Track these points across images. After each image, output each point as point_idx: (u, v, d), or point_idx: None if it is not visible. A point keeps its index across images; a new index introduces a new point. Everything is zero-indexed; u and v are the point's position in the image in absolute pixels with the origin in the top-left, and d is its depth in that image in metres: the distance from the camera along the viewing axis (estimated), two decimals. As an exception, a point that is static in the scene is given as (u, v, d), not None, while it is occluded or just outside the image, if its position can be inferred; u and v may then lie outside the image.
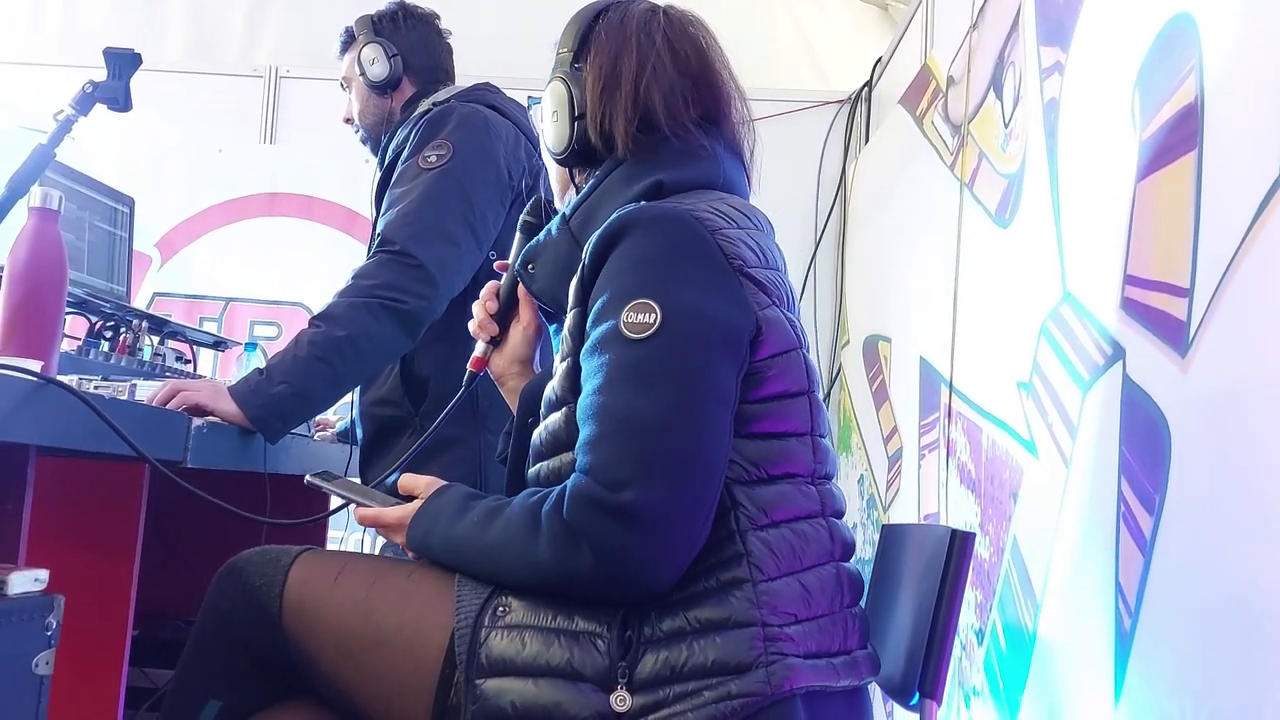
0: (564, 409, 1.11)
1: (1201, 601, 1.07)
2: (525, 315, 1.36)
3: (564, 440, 1.10)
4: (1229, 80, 1.12)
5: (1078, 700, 1.36)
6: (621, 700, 0.99)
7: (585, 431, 1.04)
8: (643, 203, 1.14)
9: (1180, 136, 1.20)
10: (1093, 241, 1.45)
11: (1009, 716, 1.62)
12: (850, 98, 3.61)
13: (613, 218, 1.10)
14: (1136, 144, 1.33)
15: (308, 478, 1.30)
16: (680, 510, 1.00)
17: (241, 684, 1.13)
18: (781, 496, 1.07)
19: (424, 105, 1.94)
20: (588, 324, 1.08)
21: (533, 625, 1.04)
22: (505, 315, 1.37)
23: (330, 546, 2.66)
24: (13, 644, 1.03)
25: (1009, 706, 1.62)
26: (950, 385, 2.08)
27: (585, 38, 1.25)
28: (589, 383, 1.06)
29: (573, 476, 1.04)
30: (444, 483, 1.19)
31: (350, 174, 3.65)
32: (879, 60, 3.51)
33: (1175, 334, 1.16)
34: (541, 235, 1.25)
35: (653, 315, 1.03)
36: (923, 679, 1.08)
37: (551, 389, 1.14)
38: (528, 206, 1.36)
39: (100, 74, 1.59)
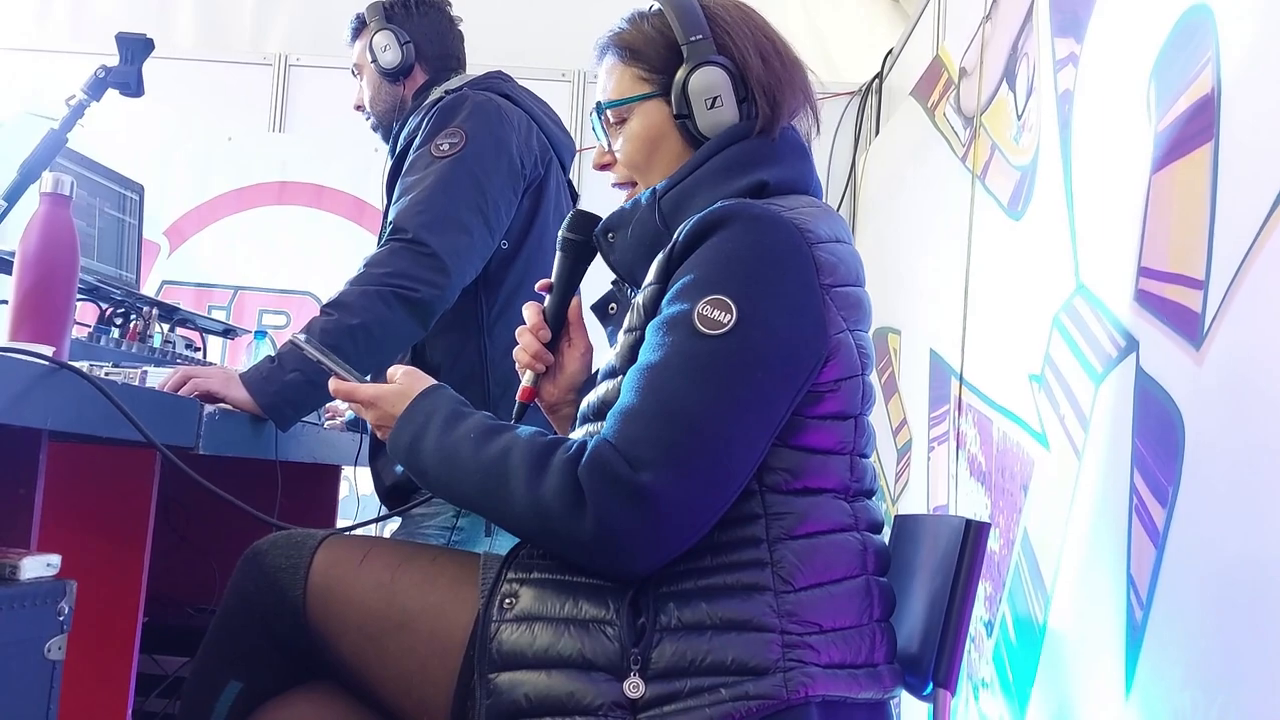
0: (619, 378, 1.10)
1: (1215, 594, 1.07)
2: (581, 340, 1.32)
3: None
4: (1247, 72, 1.11)
5: (1088, 693, 1.36)
6: (635, 687, 0.99)
7: (625, 400, 1.04)
8: (745, 199, 1.12)
9: (1197, 128, 1.19)
10: (1106, 233, 1.44)
11: (1018, 708, 1.61)
12: (861, 89, 3.60)
13: (718, 206, 1.08)
14: (1152, 135, 1.32)
15: (293, 336, 1.31)
16: (688, 508, 1.00)
17: (263, 666, 1.13)
18: (816, 508, 1.07)
19: (436, 93, 1.94)
20: (664, 300, 1.07)
21: (541, 616, 1.04)
22: (556, 341, 1.32)
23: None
24: (25, 629, 1.03)
25: (1018, 699, 1.62)
26: (961, 378, 2.08)
27: (711, 24, 1.21)
28: (646, 355, 1.05)
29: (597, 439, 1.03)
30: (425, 376, 1.18)
31: (360, 163, 3.65)
32: (890, 52, 3.50)
33: (1190, 326, 1.16)
34: (628, 205, 1.21)
35: (728, 316, 1.02)
36: (936, 669, 1.08)
37: (614, 356, 1.13)
38: (567, 222, 1.30)
39: (110, 60, 1.58)
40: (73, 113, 1.47)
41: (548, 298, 1.32)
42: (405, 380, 1.17)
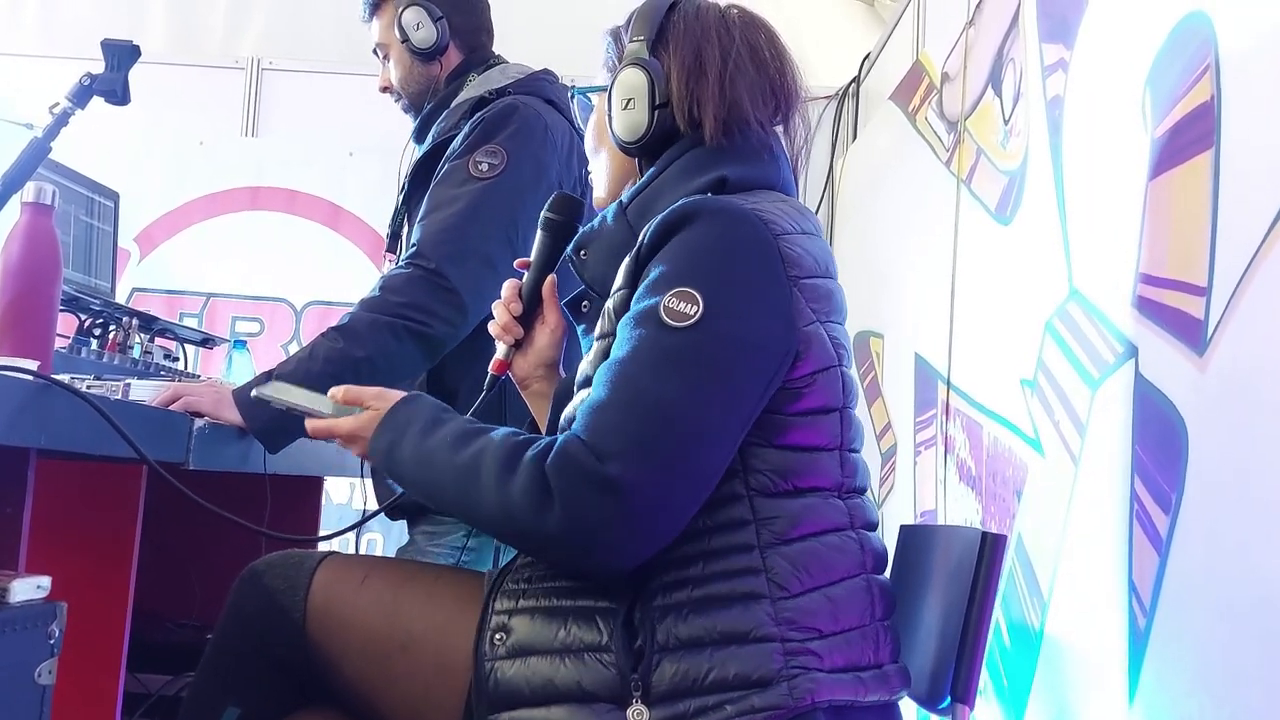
0: None
1: (1222, 600, 1.07)
2: (551, 317, 1.32)
3: None
4: (1248, 80, 1.11)
5: (1090, 699, 1.36)
6: (639, 714, 0.97)
7: (595, 394, 1.02)
8: (706, 195, 1.12)
9: (1196, 135, 1.20)
10: (1102, 240, 1.45)
11: (1015, 714, 1.61)
12: (838, 94, 3.61)
13: (678, 204, 1.08)
14: (1148, 142, 1.32)
15: (254, 391, 1.22)
16: (659, 500, 0.98)
17: (262, 689, 1.10)
18: (808, 509, 1.05)
19: (475, 86, 1.84)
20: (633, 298, 1.06)
21: (534, 648, 1.02)
22: (529, 317, 1.33)
23: (321, 547, 2.64)
24: (15, 653, 1.00)
25: (1014, 704, 1.62)
26: (948, 382, 2.08)
27: (661, 28, 1.21)
28: (616, 350, 1.04)
29: (565, 434, 1.02)
30: (396, 392, 1.16)
31: (334, 167, 3.61)
32: (867, 56, 3.51)
33: (1192, 332, 1.16)
34: (595, 222, 1.22)
35: (694, 308, 1.01)
36: (954, 683, 1.07)
37: (588, 363, 1.12)
38: (550, 203, 1.31)
39: (77, 64, 1.55)
40: (57, 121, 1.44)
41: (525, 274, 1.33)
42: (379, 404, 1.15)
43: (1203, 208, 1.16)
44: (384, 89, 1.94)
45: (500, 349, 1.33)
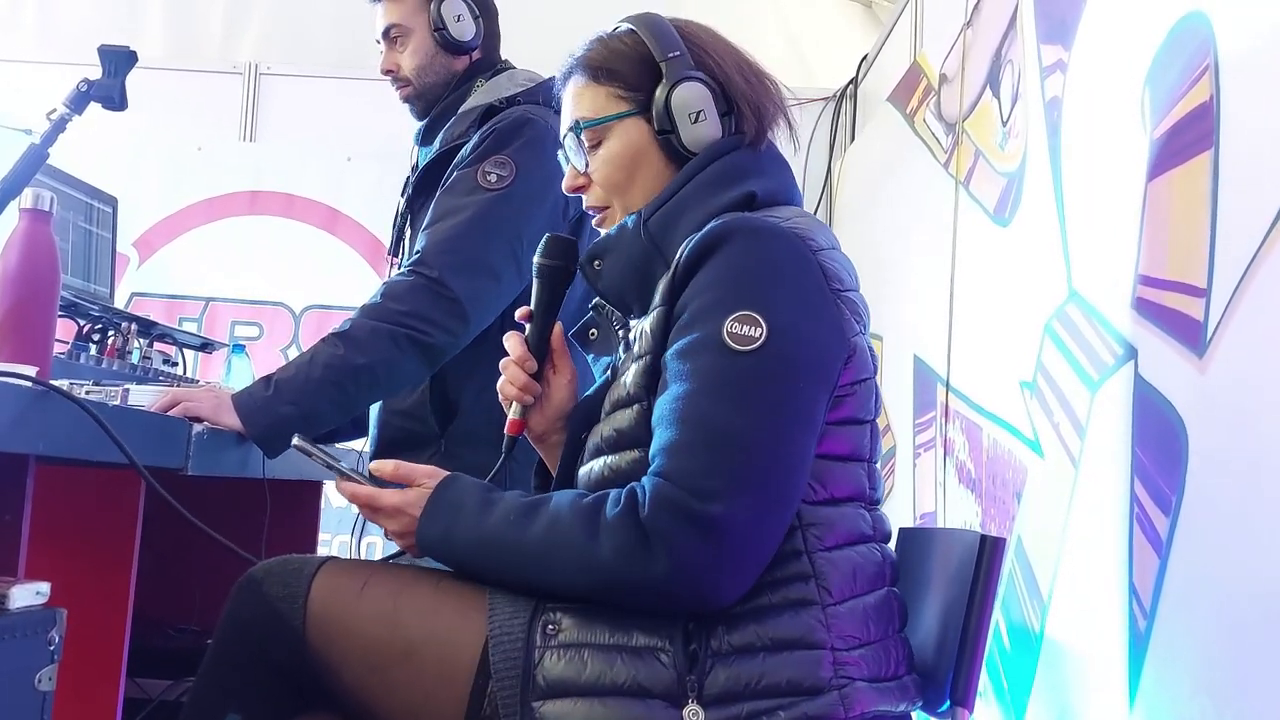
0: (635, 406, 1.08)
1: (1224, 603, 1.07)
2: (566, 367, 1.29)
3: (631, 438, 1.08)
4: (1248, 81, 1.11)
5: (1090, 702, 1.36)
6: (695, 714, 0.98)
7: (669, 434, 1.02)
8: (742, 213, 1.12)
9: (1195, 136, 1.20)
10: (1101, 241, 1.45)
11: (1015, 717, 1.61)
12: (835, 95, 3.61)
13: (715, 224, 1.08)
14: (1147, 143, 1.32)
15: (295, 440, 1.21)
16: (761, 530, 1.00)
17: (261, 697, 1.10)
18: (844, 518, 1.07)
19: (482, 93, 1.81)
20: (678, 324, 1.06)
21: (590, 643, 1.02)
22: (541, 369, 1.28)
23: (320, 551, 2.63)
24: (15, 660, 1.00)
25: (1014, 707, 1.62)
26: (947, 384, 2.08)
27: (686, 42, 1.21)
28: (677, 385, 1.03)
29: (649, 480, 1.01)
30: (444, 471, 1.14)
31: (332, 172, 3.61)
32: (864, 57, 3.51)
33: (1192, 334, 1.16)
34: (614, 230, 1.20)
35: (758, 330, 1.01)
36: (954, 686, 1.07)
37: (623, 386, 1.11)
38: (542, 248, 1.27)
39: (76, 70, 1.55)
40: (54, 127, 1.44)
41: (528, 326, 1.28)
42: (431, 483, 1.13)
43: (1202, 208, 1.16)
44: (388, 72, 1.86)
45: (514, 409, 1.28)
